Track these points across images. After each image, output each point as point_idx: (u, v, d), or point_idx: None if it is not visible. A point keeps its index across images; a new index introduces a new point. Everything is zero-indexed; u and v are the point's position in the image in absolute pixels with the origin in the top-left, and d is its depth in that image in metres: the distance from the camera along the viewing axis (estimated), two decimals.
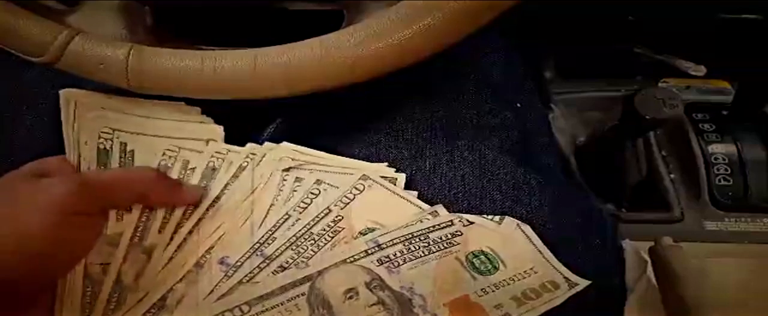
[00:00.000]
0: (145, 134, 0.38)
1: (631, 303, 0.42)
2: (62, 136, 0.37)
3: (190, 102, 0.40)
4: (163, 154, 0.38)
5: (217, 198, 0.36)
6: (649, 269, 0.47)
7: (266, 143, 0.39)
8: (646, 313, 0.46)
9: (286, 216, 0.35)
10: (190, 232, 0.34)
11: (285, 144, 0.39)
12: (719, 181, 0.59)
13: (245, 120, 0.41)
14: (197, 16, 0.43)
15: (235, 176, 0.37)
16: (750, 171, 0.59)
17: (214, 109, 0.40)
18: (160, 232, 0.34)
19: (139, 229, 0.34)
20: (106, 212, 0.33)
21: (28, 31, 0.34)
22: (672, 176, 0.60)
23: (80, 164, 0.36)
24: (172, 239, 0.34)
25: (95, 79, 0.35)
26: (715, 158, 0.60)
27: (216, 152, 0.38)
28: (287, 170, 0.37)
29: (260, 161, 0.38)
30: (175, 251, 0.34)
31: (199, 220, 0.35)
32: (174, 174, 0.37)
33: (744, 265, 0.52)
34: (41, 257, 0.28)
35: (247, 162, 0.38)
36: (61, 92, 0.38)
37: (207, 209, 0.35)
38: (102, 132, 0.37)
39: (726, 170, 0.59)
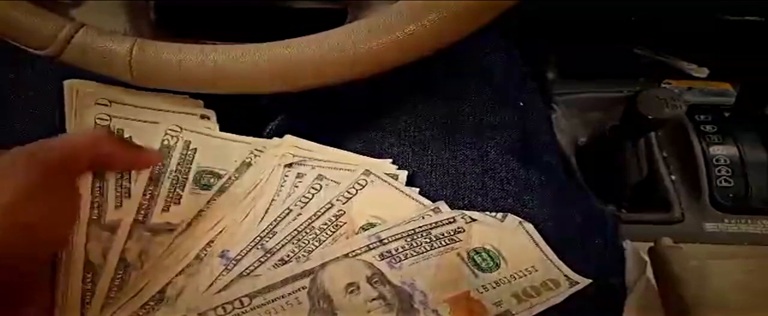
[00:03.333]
0: (146, 121, 0.38)
1: (631, 303, 0.42)
2: (59, 128, 0.37)
3: (193, 96, 0.40)
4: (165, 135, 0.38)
5: (219, 192, 0.36)
6: (649, 269, 0.47)
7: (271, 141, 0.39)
8: (646, 313, 0.46)
9: (288, 211, 0.35)
10: (190, 224, 0.35)
11: (288, 137, 0.39)
12: (720, 182, 0.59)
13: (247, 117, 0.41)
14: (200, 12, 0.43)
15: (237, 170, 0.37)
16: (751, 173, 0.59)
17: (216, 105, 0.40)
18: (163, 212, 0.34)
19: (143, 207, 0.34)
20: (73, 183, 0.32)
21: (33, 24, 0.34)
22: (672, 176, 0.61)
23: None
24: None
25: (99, 72, 0.35)
26: (717, 160, 0.60)
27: (218, 146, 0.38)
28: (289, 165, 0.38)
29: (262, 155, 0.38)
30: (176, 242, 0.34)
31: (199, 211, 0.35)
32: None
33: (743, 266, 0.52)
34: (15, 234, 0.28)
35: (250, 157, 0.38)
36: (66, 82, 0.38)
37: (207, 201, 0.36)
38: (97, 118, 0.37)
39: (727, 171, 0.59)
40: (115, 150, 0.34)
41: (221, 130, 0.40)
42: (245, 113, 0.41)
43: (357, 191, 0.36)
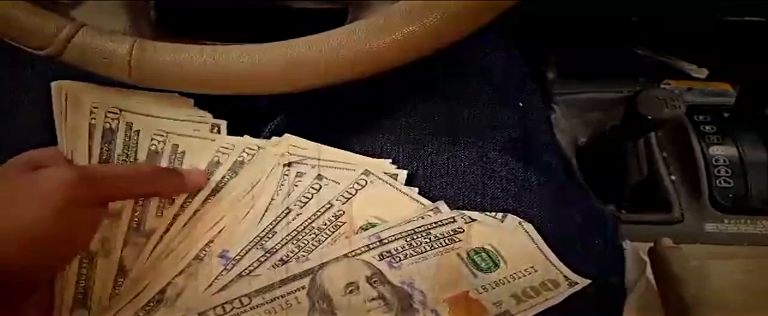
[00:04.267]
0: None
1: (630, 304, 0.42)
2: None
3: (187, 95, 0.40)
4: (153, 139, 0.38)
5: (218, 191, 0.36)
6: (648, 269, 0.47)
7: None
8: (645, 313, 0.46)
9: (287, 210, 0.35)
10: (185, 225, 0.35)
11: (287, 136, 0.39)
12: (720, 183, 0.59)
13: (247, 117, 0.41)
14: (200, 13, 0.43)
15: (236, 170, 0.37)
16: (750, 173, 0.59)
17: (216, 105, 0.40)
18: (158, 216, 0.34)
19: (137, 213, 0.34)
20: (105, 206, 0.33)
21: (33, 24, 0.34)
22: (672, 177, 0.61)
23: (73, 155, 0.36)
24: (168, 228, 0.34)
25: (98, 72, 0.35)
26: (716, 160, 0.60)
27: (220, 146, 0.38)
28: (288, 164, 0.38)
29: (262, 155, 0.38)
30: (175, 243, 0.34)
31: (196, 211, 0.35)
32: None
33: (743, 266, 0.52)
34: (41, 247, 0.28)
35: (249, 156, 0.38)
36: (53, 84, 0.37)
37: (206, 201, 0.36)
38: (108, 112, 0.37)
39: (727, 171, 0.59)
40: (166, 182, 0.35)
41: None
42: (244, 113, 0.41)
43: (357, 190, 0.37)
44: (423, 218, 0.36)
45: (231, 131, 0.40)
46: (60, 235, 0.29)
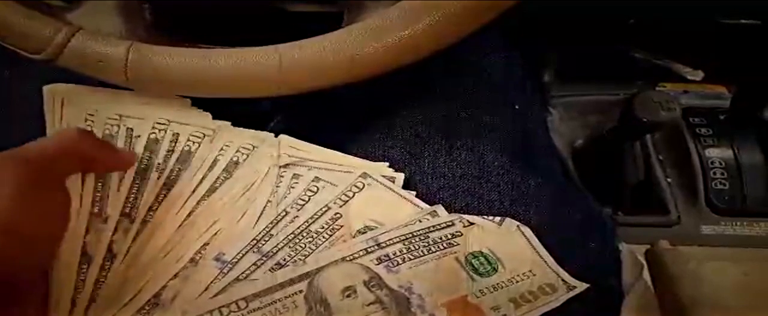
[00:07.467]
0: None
1: (628, 305, 0.42)
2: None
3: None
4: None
5: (212, 192, 0.36)
6: (645, 272, 0.47)
7: (266, 138, 0.39)
8: (643, 315, 0.46)
9: (284, 213, 0.35)
10: (180, 227, 0.34)
11: (283, 137, 0.39)
12: (716, 185, 0.59)
13: (244, 119, 0.41)
14: (196, 15, 0.43)
15: (230, 171, 0.37)
16: (746, 175, 0.59)
17: (217, 107, 0.40)
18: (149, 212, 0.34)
19: (129, 206, 0.34)
20: (62, 182, 0.32)
21: (28, 28, 0.34)
22: (669, 179, 0.61)
23: None
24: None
25: (95, 76, 0.35)
26: (712, 163, 0.60)
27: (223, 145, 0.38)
28: (285, 166, 0.37)
29: (257, 156, 0.38)
30: (170, 245, 0.34)
31: (191, 213, 0.35)
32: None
33: (739, 268, 0.52)
34: (11, 238, 0.27)
35: (244, 156, 0.38)
36: (45, 88, 0.37)
37: (200, 203, 0.35)
38: (108, 118, 0.37)
39: (722, 174, 0.59)
40: (97, 149, 0.34)
41: None
42: (242, 115, 0.41)
43: (354, 193, 0.36)
44: (421, 221, 0.35)
45: None
46: (27, 223, 0.28)
